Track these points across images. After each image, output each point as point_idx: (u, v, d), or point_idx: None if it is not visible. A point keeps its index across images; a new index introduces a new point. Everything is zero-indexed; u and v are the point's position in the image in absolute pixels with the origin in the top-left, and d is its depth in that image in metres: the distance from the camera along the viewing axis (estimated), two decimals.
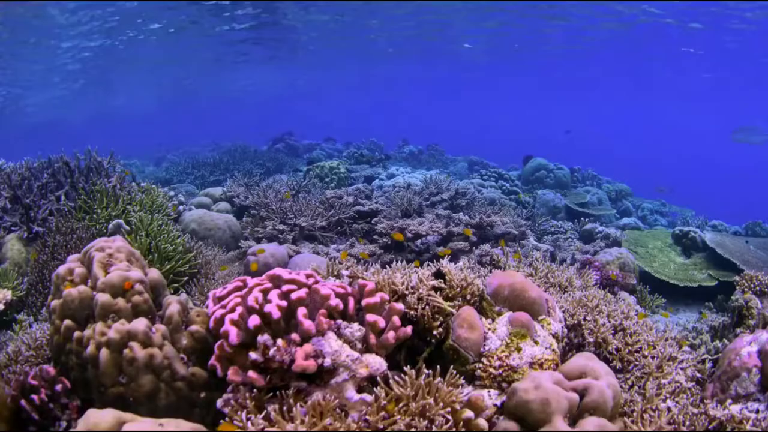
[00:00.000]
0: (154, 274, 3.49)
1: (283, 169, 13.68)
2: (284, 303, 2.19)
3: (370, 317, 2.21)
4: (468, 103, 58.75)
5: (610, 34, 17.25)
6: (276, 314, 2.17)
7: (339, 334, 2.24)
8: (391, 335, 2.19)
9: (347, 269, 3.16)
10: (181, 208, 7.12)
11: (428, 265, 3.03)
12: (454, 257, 4.89)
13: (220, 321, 2.44)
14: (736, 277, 4.45)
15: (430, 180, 7.31)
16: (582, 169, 14.18)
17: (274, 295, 2.28)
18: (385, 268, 2.85)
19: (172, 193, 7.42)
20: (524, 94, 44.43)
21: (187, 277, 5.13)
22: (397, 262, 2.99)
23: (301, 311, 2.16)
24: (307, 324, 2.13)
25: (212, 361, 2.43)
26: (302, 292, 2.22)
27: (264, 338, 2.23)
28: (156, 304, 3.38)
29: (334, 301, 2.19)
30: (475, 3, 14.69)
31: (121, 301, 3.11)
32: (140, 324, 2.88)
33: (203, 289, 4.87)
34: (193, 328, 3.08)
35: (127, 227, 5.63)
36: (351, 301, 2.32)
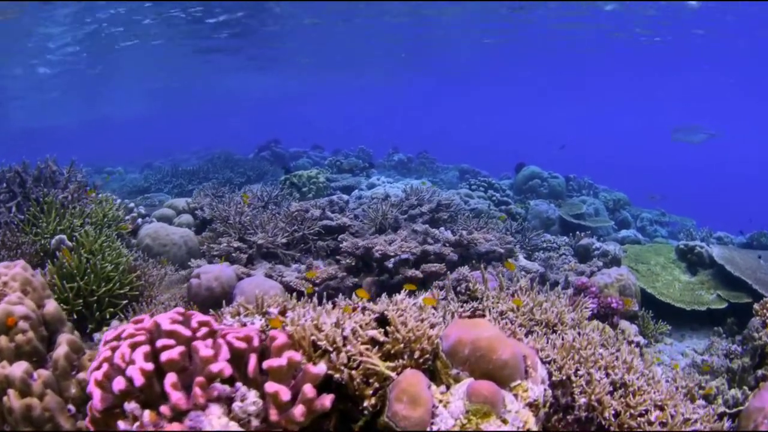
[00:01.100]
0: (51, 307, 2.95)
1: (265, 178, 13.06)
2: (149, 367, 1.57)
3: (270, 387, 1.57)
4: (462, 110, 58.28)
5: (608, 38, 16.82)
6: (138, 380, 1.55)
7: (230, 405, 1.62)
8: (299, 411, 1.56)
9: (277, 306, 2.56)
10: (139, 221, 6.49)
11: (376, 302, 2.42)
12: (427, 281, 4.27)
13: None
14: (756, 306, 3.82)
15: (411, 190, 6.68)
16: (578, 177, 13.56)
17: (139, 354, 1.67)
18: (320, 306, 2.23)
19: (131, 205, 6.80)
20: (517, 101, 43.98)
21: (126, 301, 4.50)
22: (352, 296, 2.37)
23: (170, 379, 1.53)
24: (175, 397, 1.50)
25: (86, 422, 1.94)
26: (175, 353, 1.59)
27: (132, 407, 1.62)
28: (52, 342, 2.90)
29: (218, 366, 1.56)
30: (470, 3, 14.21)
31: (3, 340, 2.72)
32: (18, 369, 2.41)
33: (139, 315, 4.25)
34: (81, 375, 2.60)
35: (70, 243, 5.03)
36: (252, 360, 1.69)
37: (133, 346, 1.73)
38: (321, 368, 1.67)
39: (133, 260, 4.96)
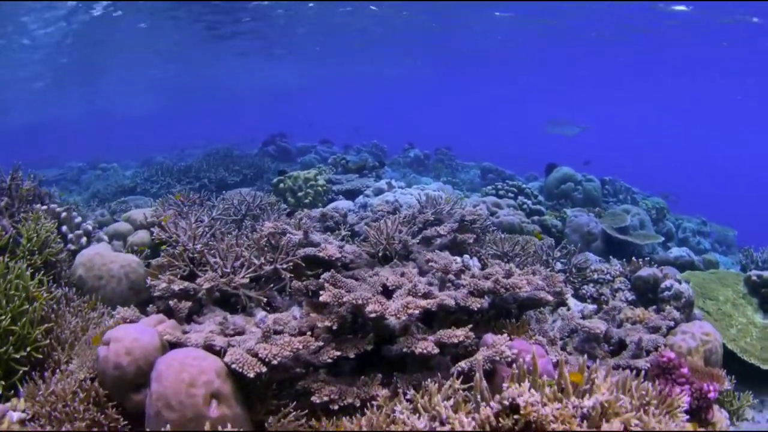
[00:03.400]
0: None
1: (265, 177, 11.77)
2: None
3: None
4: (481, 104, 56.79)
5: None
6: None
7: None
8: None
9: None
10: (83, 240, 5.20)
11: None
12: (445, 353, 2.91)
13: None
14: None
15: (426, 201, 5.30)
16: (613, 180, 12.13)
17: None
18: None
19: (78, 219, 5.50)
20: (538, 95, 42.42)
21: (25, 369, 3.22)
22: None
23: None
24: None
25: None
26: None
27: None
28: None
29: None
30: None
31: None
32: None
33: (35, 390, 2.96)
34: None
35: None
36: None
37: None
38: None
39: (49, 303, 3.70)
